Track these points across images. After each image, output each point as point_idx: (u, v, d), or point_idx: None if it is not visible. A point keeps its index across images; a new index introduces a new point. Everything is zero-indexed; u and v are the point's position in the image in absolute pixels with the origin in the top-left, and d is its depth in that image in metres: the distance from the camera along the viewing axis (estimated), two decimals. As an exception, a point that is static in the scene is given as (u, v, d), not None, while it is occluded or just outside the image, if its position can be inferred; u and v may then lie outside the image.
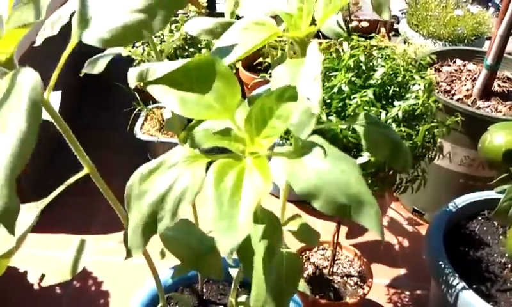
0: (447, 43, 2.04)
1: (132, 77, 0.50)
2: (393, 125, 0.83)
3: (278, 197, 0.61)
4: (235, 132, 0.47)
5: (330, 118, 0.85)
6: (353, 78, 0.88)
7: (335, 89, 0.86)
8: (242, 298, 0.83)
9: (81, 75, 0.73)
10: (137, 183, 0.48)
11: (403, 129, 0.83)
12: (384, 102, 0.88)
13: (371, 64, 0.92)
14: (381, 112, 0.84)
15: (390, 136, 0.61)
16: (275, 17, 0.55)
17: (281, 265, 0.62)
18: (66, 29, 0.50)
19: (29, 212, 0.54)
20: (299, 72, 0.47)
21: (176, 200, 0.46)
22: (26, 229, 0.52)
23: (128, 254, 0.49)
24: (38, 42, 0.51)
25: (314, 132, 0.84)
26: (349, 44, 0.96)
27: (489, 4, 2.69)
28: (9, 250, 0.51)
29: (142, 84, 0.49)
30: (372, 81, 0.89)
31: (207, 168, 0.44)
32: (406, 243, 1.52)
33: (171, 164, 0.47)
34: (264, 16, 0.53)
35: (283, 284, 0.61)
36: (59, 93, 0.58)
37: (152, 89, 0.49)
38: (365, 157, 0.80)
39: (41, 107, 0.41)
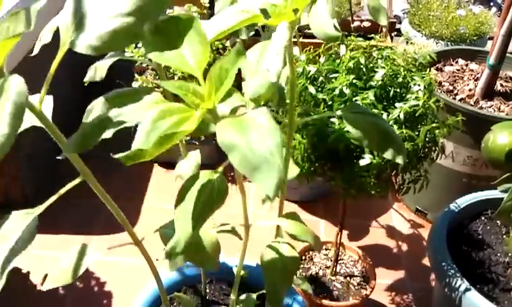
0: (449, 43, 2.04)
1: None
2: (395, 127, 0.83)
3: (278, 196, 0.61)
4: (196, 87, 0.50)
5: (332, 119, 0.84)
6: (354, 81, 0.88)
7: (337, 91, 0.86)
8: (244, 297, 0.84)
9: (85, 85, 0.73)
10: (103, 101, 0.53)
11: (404, 131, 0.83)
12: (385, 104, 0.88)
13: (371, 65, 0.92)
14: (382, 113, 0.84)
15: (376, 123, 0.62)
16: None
17: (275, 258, 0.63)
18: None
19: (25, 219, 0.54)
20: (267, 48, 0.52)
21: (119, 122, 0.50)
22: (27, 237, 0.53)
23: (65, 150, 0.53)
24: (36, 51, 0.51)
25: (316, 132, 0.85)
26: (347, 46, 0.95)
27: (491, 4, 2.68)
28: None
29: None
30: (372, 83, 0.89)
31: None
32: (408, 243, 1.52)
33: (137, 98, 0.52)
34: (250, 6, 0.55)
35: (277, 276, 0.62)
36: (51, 97, 0.57)
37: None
38: (367, 158, 0.80)
39: (24, 110, 0.42)
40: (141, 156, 0.44)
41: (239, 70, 0.51)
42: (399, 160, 0.62)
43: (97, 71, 0.71)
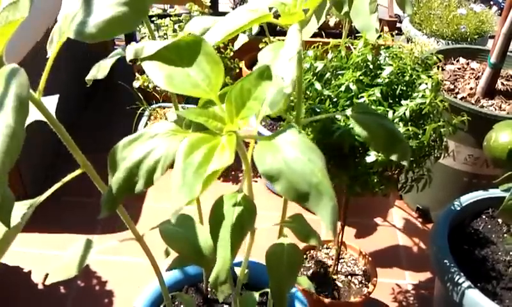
0: (450, 42, 2.04)
1: (129, 54, 0.54)
2: (401, 124, 0.83)
3: (281, 196, 0.62)
4: (215, 111, 0.49)
5: (337, 116, 0.85)
6: (361, 77, 0.88)
7: (342, 88, 0.86)
8: (245, 296, 0.84)
9: (88, 85, 0.73)
10: (119, 150, 0.51)
11: (410, 128, 0.83)
12: (391, 101, 0.88)
13: (378, 63, 0.92)
14: (388, 111, 0.84)
15: (384, 125, 0.62)
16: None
17: (282, 255, 0.63)
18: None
19: (24, 209, 0.55)
20: (278, 53, 0.50)
21: (150, 168, 0.49)
22: (17, 224, 0.54)
23: (102, 211, 0.53)
24: (49, 54, 0.51)
25: (321, 129, 0.84)
26: (353, 44, 0.95)
27: (492, 3, 2.68)
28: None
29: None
30: (379, 80, 0.89)
31: None
32: (410, 242, 1.52)
33: (152, 135, 0.50)
34: (260, 6, 0.54)
35: (283, 273, 0.63)
36: (56, 96, 0.58)
37: (145, 65, 0.51)
38: (373, 156, 0.80)
39: (28, 103, 0.41)
40: (190, 202, 0.42)
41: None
42: (405, 162, 0.62)
43: (100, 69, 0.71)
